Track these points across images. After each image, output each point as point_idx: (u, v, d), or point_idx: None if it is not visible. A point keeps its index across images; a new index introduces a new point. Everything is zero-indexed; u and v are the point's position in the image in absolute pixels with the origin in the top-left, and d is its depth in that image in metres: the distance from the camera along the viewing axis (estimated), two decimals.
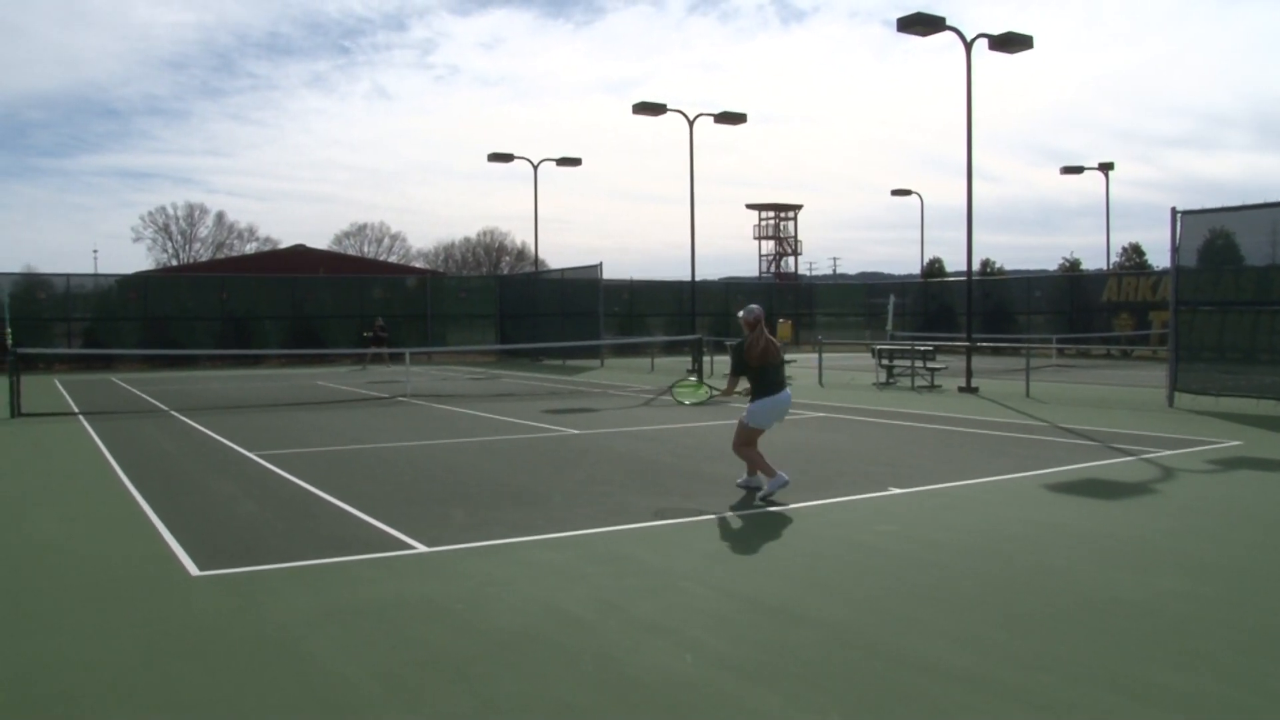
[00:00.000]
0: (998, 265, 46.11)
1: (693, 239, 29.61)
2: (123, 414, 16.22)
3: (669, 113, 28.37)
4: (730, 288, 46.93)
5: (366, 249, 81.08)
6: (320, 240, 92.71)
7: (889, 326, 27.68)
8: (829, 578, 5.76)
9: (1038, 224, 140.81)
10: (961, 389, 18.76)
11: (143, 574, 5.94)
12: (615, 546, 6.52)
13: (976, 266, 30.63)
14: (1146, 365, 26.03)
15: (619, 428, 13.48)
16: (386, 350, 29.73)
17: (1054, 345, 30.86)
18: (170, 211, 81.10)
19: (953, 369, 20.72)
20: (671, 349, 34.50)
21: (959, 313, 35.86)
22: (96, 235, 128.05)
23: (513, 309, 37.89)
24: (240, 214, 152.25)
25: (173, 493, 8.68)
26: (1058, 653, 4.40)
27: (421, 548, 6.48)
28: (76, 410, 16.85)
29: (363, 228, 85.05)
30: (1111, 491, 8.43)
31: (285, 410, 16.66)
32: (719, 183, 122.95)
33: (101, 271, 52.52)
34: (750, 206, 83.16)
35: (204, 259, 73.02)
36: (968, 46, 19.37)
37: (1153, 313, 31.73)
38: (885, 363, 21.69)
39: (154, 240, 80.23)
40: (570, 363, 30.91)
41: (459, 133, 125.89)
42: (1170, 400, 15.61)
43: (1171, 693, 3.96)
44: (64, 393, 20.98)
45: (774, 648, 4.52)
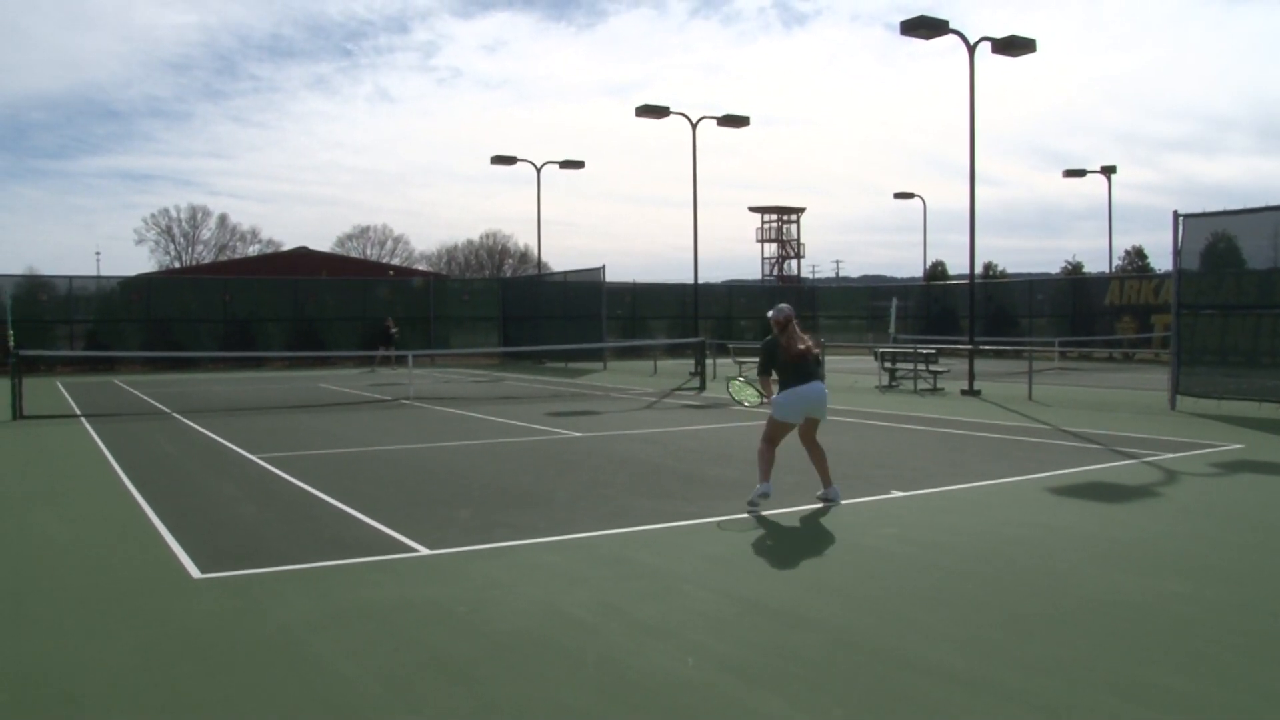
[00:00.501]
0: (1000, 268, 46.18)
1: (695, 242, 29.78)
2: (125, 416, 16.24)
3: (672, 115, 28.39)
4: (733, 290, 46.99)
5: (369, 251, 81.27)
6: (323, 243, 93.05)
7: (891, 329, 27.66)
8: (831, 580, 5.76)
9: (1040, 227, 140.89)
10: (964, 392, 18.75)
11: (144, 576, 5.95)
12: (617, 549, 6.52)
13: (979, 269, 30.61)
14: (1148, 368, 26.02)
15: (621, 430, 13.49)
16: (394, 353, 29.75)
17: (1056, 348, 30.87)
18: (173, 214, 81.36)
19: (955, 372, 20.71)
20: (674, 352, 34.52)
21: (961, 316, 35.88)
22: (98, 237, 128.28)
23: (516, 312, 37.92)
24: (242, 216, 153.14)
25: (174, 495, 8.69)
26: (1060, 655, 4.40)
27: (424, 550, 6.47)
28: (79, 412, 16.87)
29: (365, 230, 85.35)
30: (1113, 494, 8.42)
31: (287, 413, 16.67)
32: (722, 185, 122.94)
33: (104, 274, 52.66)
34: (753, 209, 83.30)
35: (207, 261, 73.14)
36: (971, 50, 19.36)
37: (1155, 316, 31.73)
38: (888, 366, 21.68)
39: (157, 243, 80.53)
40: (573, 365, 30.92)
41: (461, 135, 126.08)
42: (1172, 403, 15.60)
43: (1174, 695, 3.96)
44: (66, 395, 21.00)
45: (776, 650, 4.51)
